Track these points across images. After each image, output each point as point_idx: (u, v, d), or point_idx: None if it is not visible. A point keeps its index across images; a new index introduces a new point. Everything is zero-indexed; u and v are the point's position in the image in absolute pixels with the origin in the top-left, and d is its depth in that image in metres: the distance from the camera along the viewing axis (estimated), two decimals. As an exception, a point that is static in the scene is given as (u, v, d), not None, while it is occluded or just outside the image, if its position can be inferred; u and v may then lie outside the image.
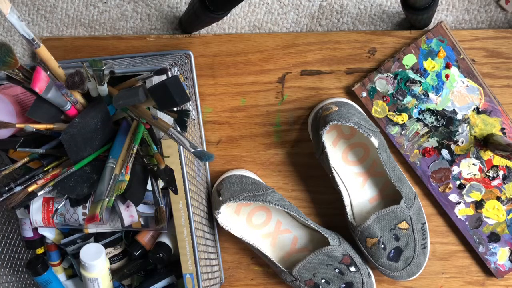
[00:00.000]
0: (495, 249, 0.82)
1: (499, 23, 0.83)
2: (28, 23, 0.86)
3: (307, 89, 0.83)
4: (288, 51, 0.82)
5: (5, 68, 0.57)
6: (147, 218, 0.76)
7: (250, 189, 0.78)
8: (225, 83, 0.83)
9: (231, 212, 0.83)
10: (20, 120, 0.67)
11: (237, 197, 0.77)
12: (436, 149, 0.81)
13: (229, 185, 0.79)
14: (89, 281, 0.76)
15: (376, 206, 0.82)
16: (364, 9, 0.83)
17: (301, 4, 0.84)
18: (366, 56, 0.82)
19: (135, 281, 0.84)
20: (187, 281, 0.73)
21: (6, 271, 0.82)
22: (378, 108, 0.81)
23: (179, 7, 0.85)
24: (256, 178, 0.83)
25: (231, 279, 0.88)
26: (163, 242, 0.79)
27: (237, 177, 0.81)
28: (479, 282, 0.85)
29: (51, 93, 0.61)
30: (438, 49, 0.79)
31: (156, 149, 0.67)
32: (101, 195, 0.62)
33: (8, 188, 0.67)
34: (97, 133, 0.65)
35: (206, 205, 0.83)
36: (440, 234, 0.85)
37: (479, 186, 0.81)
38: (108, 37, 0.84)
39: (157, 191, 0.69)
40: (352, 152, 0.82)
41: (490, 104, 0.80)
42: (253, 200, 0.77)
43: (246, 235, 0.82)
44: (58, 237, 0.82)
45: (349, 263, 0.79)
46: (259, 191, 0.78)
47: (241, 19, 0.85)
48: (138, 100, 0.60)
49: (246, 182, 0.80)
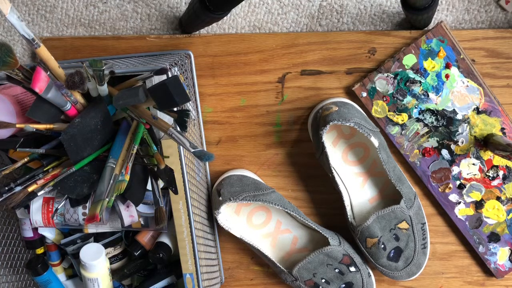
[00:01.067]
0: (495, 249, 0.82)
1: (499, 23, 0.83)
2: (28, 23, 0.86)
3: (307, 89, 0.83)
4: (288, 51, 0.82)
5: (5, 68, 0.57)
6: (147, 218, 0.76)
7: (250, 189, 0.78)
8: (225, 83, 0.83)
9: (231, 212, 0.83)
10: (20, 120, 0.67)
11: (237, 197, 0.77)
12: (436, 149, 0.81)
13: (229, 185, 0.79)
14: (89, 281, 0.76)
15: (376, 206, 0.82)
16: (364, 9, 0.83)
17: (301, 4, 0.84)
18: (366, 56, 0.82)
19: (135, 281, 0.84)
20: (187, 281, 0.73)
21: (6, 271, 0.82)
22: (378, 108, 0.81)
23: (179, 7, 0.85)
24: (256, 178, 0.83)
25: (231, 279, 0.88)
26: (163, 242, 0.79)
27: (237, 177, 0.81)
28: (479, 282, 0.85)
29: (51, 93, 0.61)
30: (438, 49, 0.79)
31: (156, 149, 0.67)
32: (101, 195, 0.62)
33: (8, 188, 0.67)
34: (97, 133, 0.65)
35: (206, 205, 0.83)
36: (440, 234, 0.85)
37: (479, 186, 0.81)
38: (108, 37, 0.84)
39: (157, 191, 0.69)
40: (352, 152, 0.82)
41: (490, 104, 0.80)
42: (253, 200, 0.77)
43: (246, 235, 0.82)
44: (58, 237, 0.82)
45: (349, 263, 0.79)
46: (259, 191, 0.78)
47: (241, 19, 0.85)
48: (138, 100, 0.60)
49: (246, 182, 0.80)
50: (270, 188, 0.79)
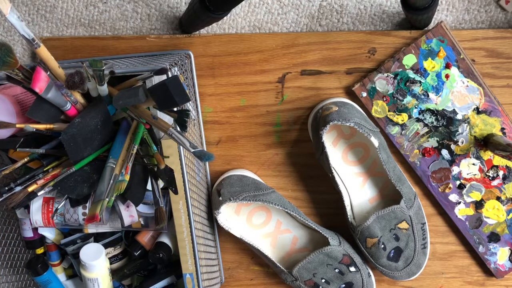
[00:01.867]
0: (495, 249, 0.82)
1: (499, 23, 0.83)
2: (28, 23, 0.86)
3: (307, 89, 0.83)
4: (288, 51, 0.82)
5: (5, 68, 0.57)
6: (147, 218, 0.76)
7: (250, 189, 0.78)
8: (225, 83, 0.83)
9: (231, 212, 0.83)
10: (20, 120, 0.67)
11: (237, 197, 0.77)
12: (436, 149, 0.81)
13: (229, 185, 0.79)
14: (89, 281, 0.76)
15: (376, 206, 0.82)
16: (364, 9, 0.83)
17: (301, 4, 0.84)
18: (366, 56, 0.82)
19: (135, 281, 0.84)
20: (187, 281, 0.73)
21: (6, 271, 0.82)
22: (378, 108, 0.81)
23: (179, 7, 0.85)
24: (256, 178, 0.83)
25: (231, 279, 0.88)
26: (163, 242, 0.79)
27: (237, 177, 0.81)
28: (479, 282, 0.85)
29: (51, 93, 0.61)
30: (438, 49, 0.79)
31: (156, 149, 0.67)
32: (101, 195, 0.62)
33: (8, 188, 0.67)
34: (97, 133, 0.65)
35: (206, 205, 0.83)
36: (440, 234, 0.85)
37: (479, 186, 0.81)
38: (108, 37, 0.84)
39: (157, 191, 0.69)
40: (352, 152, 0.82)
41: (490, 104, 0.80)
42: (253, 200, 0.77)
43: (246, 235, 0.82)
44: (58, 237, 0.82)
45: (349, 263, 0.79)
46: (259, 191, 0.78)
47: (241, 19, 0.85)
48: (138, 100, 0.60)
49: (246, 182, 0.80)
50: (270, 188, 0.79)
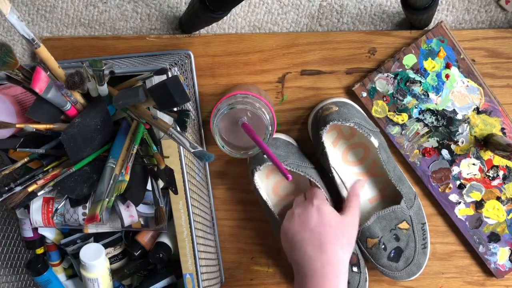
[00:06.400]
0: (495, 249, 0.82)
1: (499, 23, 0.83)
2: (28, 23, 0.86)
3: (307, 89, 0.83)
4: (288, 51, 0.82)
5: (5, 68, 0.57)
6: (147, 218, 0.76)
7: (295, 158, 0.78)
8: (225, 83, 0.83)
9: (262, 174, 0.82)
10: (20, 120, 0.67)
11: (282, 161, 0.76)
12: (436, 149, 0.81)
13: (274, 147, 0.79)
14: (89, 281, 0.76)
15: (376, 206, 0.82)
16: (364, 9, 0.83)
17: (301, 4, 0.84)
18: (366, 56, 0.82)
19: (135, 281, 0.84)
20: (187, 281, 0.73)
21: (6, 271, 0.82)
22: (378, 108, 0.81)
23: (179, 7, 0.85)
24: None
25: (231, 279, 0.88)
26: (163, 242, 0.79)
27: (283, 142, 0.81)
28: (479, 282, 0.85)
29: (51, 93, 0.61)
30: (438, 49, 0.79)
31: (156, 149, 0.67)
32: (101, 195, 0.62)
33: (8, 188, 0.67)
34: (97, 133, 0.65)
35: (206, 205, 0.83)
36: (440, 234, 0.85)
37: (479, 186, 0.81)
38: (108, 37, 0.84)
39: (157, 191, 0.69)
40: (352, 152, 0.81)
41: (490, 104, 0.79)
42: (296, 169, 0.76)
43: (270, 201, 0.81)
44: (58, 237, 0.82)
45: (354, 263, 0.79)
46: (303, 163, 0.78)
47: (241, 19, 0.85)
48: (138, 100, 0.60)
49: (292, 150, 0.79)
50: (312, 164, 0.79)
